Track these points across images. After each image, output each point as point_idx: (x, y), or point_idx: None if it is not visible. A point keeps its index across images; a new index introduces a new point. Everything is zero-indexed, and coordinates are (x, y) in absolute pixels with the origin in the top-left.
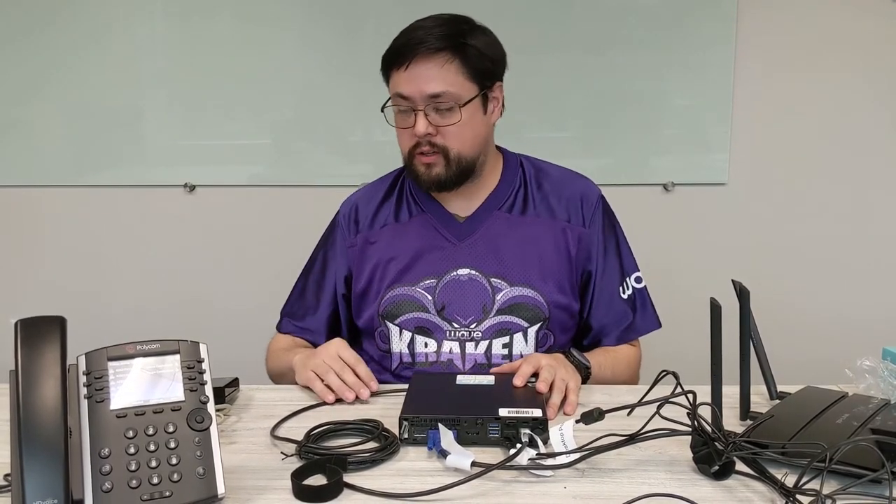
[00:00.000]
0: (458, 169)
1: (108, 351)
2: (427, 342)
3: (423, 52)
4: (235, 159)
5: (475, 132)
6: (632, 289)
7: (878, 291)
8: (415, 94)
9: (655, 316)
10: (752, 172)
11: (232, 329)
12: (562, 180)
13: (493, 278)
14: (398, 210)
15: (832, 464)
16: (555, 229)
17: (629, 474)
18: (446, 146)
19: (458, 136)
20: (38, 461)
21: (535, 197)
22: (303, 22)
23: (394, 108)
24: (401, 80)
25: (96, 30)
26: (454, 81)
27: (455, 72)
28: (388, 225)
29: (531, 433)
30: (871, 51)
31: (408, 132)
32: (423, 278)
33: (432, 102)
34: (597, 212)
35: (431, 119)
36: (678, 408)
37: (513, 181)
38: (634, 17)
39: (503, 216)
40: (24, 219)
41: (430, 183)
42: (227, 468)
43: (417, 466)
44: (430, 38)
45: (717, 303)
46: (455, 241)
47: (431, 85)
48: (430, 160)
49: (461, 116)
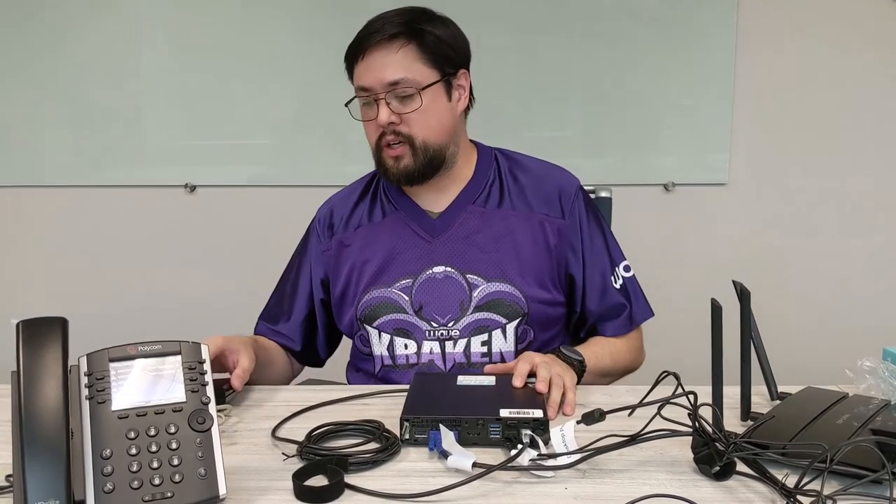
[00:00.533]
0: (425, 158)
1: (110, 352)
2: (407, 343)
3: (377, 40)
4: (236, 159)
5: (439, 119)
6: (622, 278)
7: (879, 292)
8: (374, 83)
9: (647, 304)
10: (753, 172)
11: (232, 329)
12: (538, 173)
13: (469, 274)
14: (372, 210)
15: (833, 464)
16: (532, 222)
17: (630, 475)
18: (411, 134)
19: (421, 122)
20: (40, 462)
21: (511, 190)
22: (303, 22)
23: (359, 102)
24: (360, 71)
25: (97, 30)
26: (411, 67)
27: (412, 58)
28: (361, 226)
29: (532, 434)
30: (872, 51)
31: (372, 124)
32: (398, 279)
33: (392, 90)
34: (576, 203)
35: (393, 107)
36: (679, 408)
37: (487, 174)
38: (635, 17)
39: (477, 210)
40: (24, 219)
41: (399, 175)
42: (229, 469)
43: (418, 467)
44: (386, 26)
45: (717, 304)
46: (429, 238)
47: (388, 71)
48: (397, 152)
49: (422, 102)
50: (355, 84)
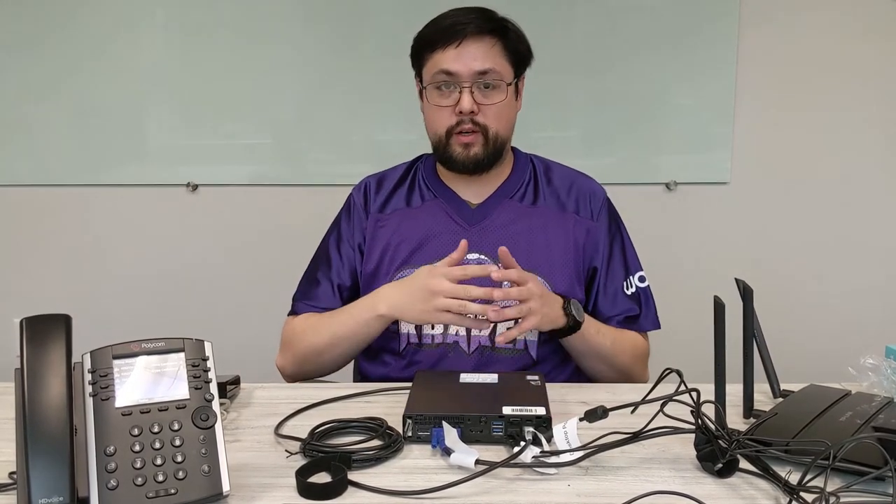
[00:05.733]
0: (494, 149)
1: (114, 349)
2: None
3: (473, 32)
4: (237, 159)
5: (510, 115)
6: (635, 287)
7: (881, 290)
8: (463, 70)
9: (656, 317)
10: (755, 171)
11: (234, 327)
12: (570, 177)
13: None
14: (410, 196)
15: (836, 461)
16: (564, 220)
17: (633, 472)
18: (487, 125)
19: (499, 115)
20: (44, 459)
21: (545, 190)
22: (304, 22)
23: (433, 86)
24: (448, 57)
25: (99, 30)
26: (499, 62)
27: (499, 53)
28: (399, 209)
29: (535, 431)
30: (874, 49)
31: (447, 110)
32: (432, 260)
33: (480, 80)
34: (603, 209)
35: (475, 97)
36: (682, 406)
37: (523, 173)
38: (637, 17)
39: (514, 205)
40: (27, 218)
41: (467, 162)
42: (232, 466)
43: (421, 464)
44: (476, 20)
45: (720, 301)
46: (466, 226)
47: (480, 61)
48: (469, 139)
49: (506, 95)
50: (436, 68)
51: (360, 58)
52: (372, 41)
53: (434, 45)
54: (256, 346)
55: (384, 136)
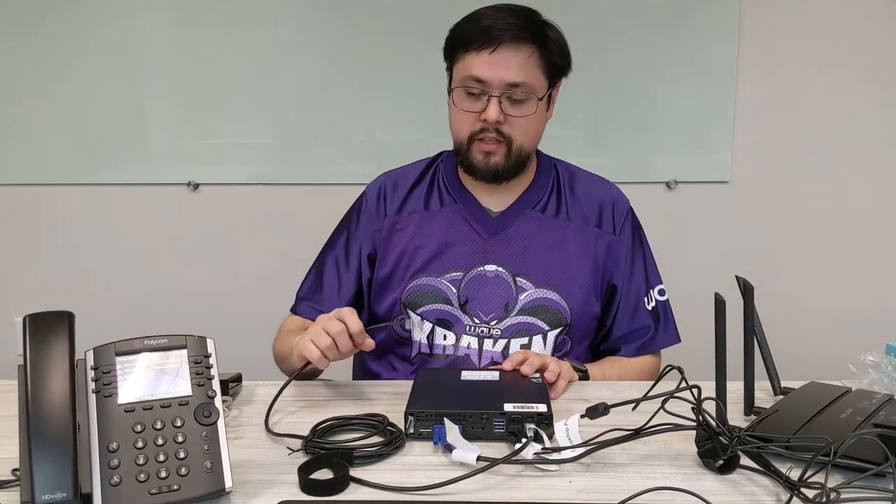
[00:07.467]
0: (516, 161)
1: (116, 346)
2: (446, 334)
3: (510, 39)
4: (238, 158)
5: (537, 127)
6: (655, 301)
7: (882, 287)
8: (494, 79)
9: (676, 331)
10: (755, 170)
11: (235, 326)
12: (595, 186)
13: (519, 277)
14: (429, 198)
15: (836, 458)
16: (586, 235)
17: (634, 469)
18: (511, 136)
19: (525, 128)
20: (47, 455)
21: (568, 201)
22: (305, 21)
23: (461, 89)
24: (481, 62)
25: (99, 28)
26: (532, 74)
27: (534, 64)
28: (416, 212)
29: (536, 428)
30: (875, 47)
31: (472, 116)
32: (449, 270)
33: (509, 91)
34: (626, 222)
35: (503, 107)
36: (683, 403)
37: (547, 182)
38: (637, 15)
39: (536, 216)
40: (27, 217)
41: (486, 171)
42: (234, 462)
43: (423, 461)
44: (515, 26)
45: (721, 298)
46: (485, 236)
47: (512, 72)
48: (490, 148)
49: (535, 109)
50: (467, 72)
51: (361, 58)
52: (374, 41)
53: (468, 45)
54: (257, 344)
55: (386, 136)
